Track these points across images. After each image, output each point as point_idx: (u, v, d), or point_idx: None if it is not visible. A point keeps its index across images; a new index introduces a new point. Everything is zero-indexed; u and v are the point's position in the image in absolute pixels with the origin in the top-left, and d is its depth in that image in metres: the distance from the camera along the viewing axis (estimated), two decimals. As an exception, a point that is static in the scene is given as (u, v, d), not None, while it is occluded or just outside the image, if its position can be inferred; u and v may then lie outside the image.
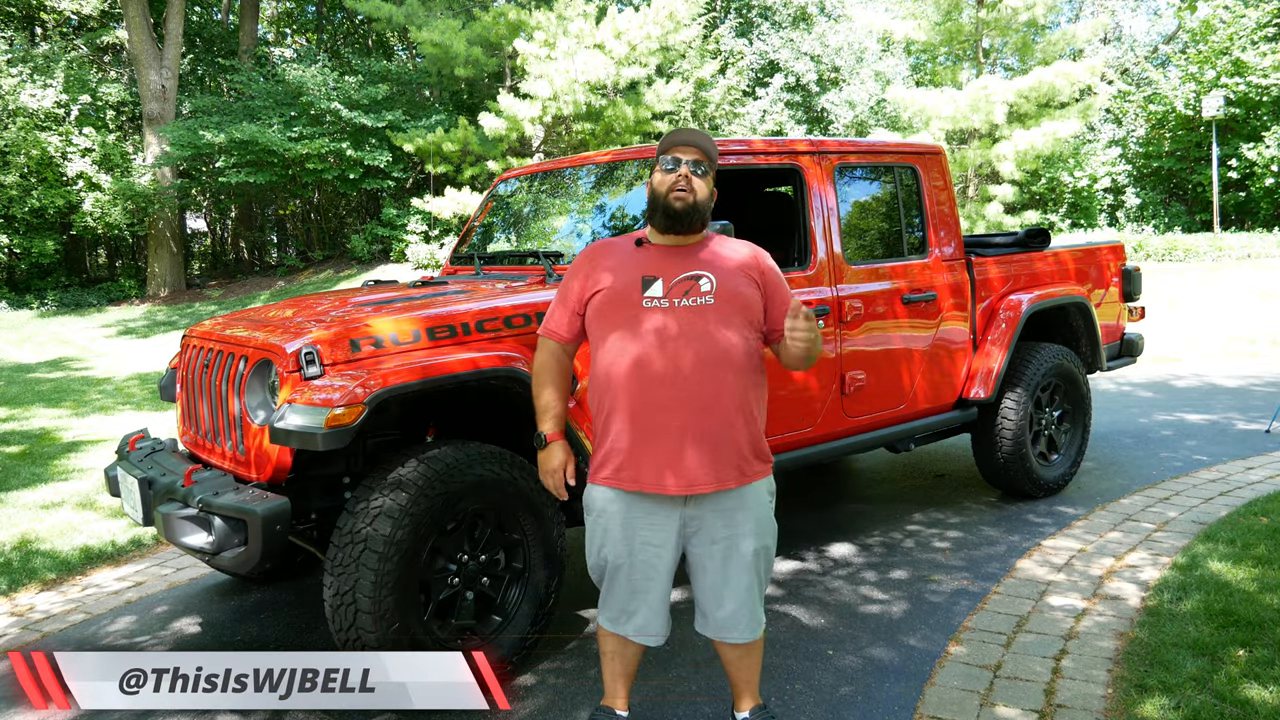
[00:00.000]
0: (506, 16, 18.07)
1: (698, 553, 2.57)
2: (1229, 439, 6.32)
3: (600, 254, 2.63)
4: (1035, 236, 5.34)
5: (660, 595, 2.60)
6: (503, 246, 4.59)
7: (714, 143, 2.59)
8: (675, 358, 2.45)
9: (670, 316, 2.47)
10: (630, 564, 2.56)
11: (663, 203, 2.51)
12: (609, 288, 2.53)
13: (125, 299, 21.75)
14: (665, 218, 2.52)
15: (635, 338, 2.48)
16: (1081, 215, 19.71)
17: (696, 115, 21.63)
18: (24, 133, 19.58)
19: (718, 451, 2.47)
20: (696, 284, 2.49)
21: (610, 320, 2.52)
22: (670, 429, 2.45)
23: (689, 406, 2.45)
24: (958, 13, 18.82)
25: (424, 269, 18.74)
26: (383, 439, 3.33)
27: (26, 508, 5.53)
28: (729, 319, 2.49)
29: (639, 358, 2.47)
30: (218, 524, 2.87)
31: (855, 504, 5.19)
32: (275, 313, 3.61)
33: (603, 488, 2.57)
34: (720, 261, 2.55)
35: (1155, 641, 3.25)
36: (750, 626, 2.60)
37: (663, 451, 2.46)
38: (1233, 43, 18.82)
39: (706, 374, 2.45)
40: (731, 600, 2.57)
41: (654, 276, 2.51)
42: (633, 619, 2.62)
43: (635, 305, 2.49)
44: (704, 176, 2.54)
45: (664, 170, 2.54)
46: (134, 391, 10.51)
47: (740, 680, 2.70)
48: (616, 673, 2.73)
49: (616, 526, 2.55)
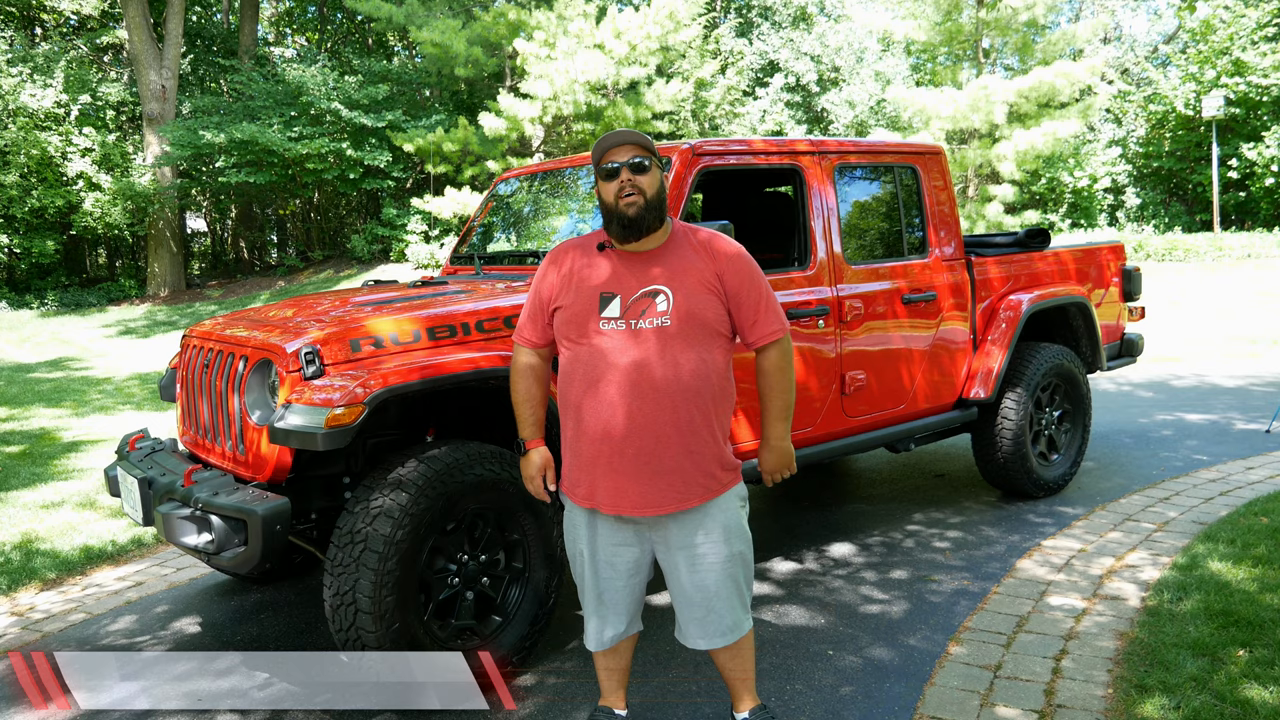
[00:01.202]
0: (506, 16, 18.08)
1: (664, 561, 2.57)
2: (1229, 439, 6.32)
3: (562, 260, 2.55)
4: (1035, 236, 5.34)
5: (629, 599, 2.62)
6: (503, 246, 4.59)
7: (643, 135, 2.48)
8: (628, 384, 2.39)
9: (625, 341, 2.40)
10: (594, 570, 2.59)
11: (616, 213, 2.43)
12: (568, 306, 2.48)
13: (125, 299, 21.75)
14: (621, 227, 2.43)
15: (590, 361, 2.43)
16: (1081, 215, 19.72)
17: (696, 115, 21.63)
18: (24, 133, 19.57)
19: (675, 475, 2.43)
20: (653, 302, 2.41)
21: (570, 340, 2.48)
22: (623, 454, 2.42)
23: (643, 433, 2.40)
24: (958, 13, 18.82)
25: (424, 269, 18.74)
26: (383, 439, 3.33)
27: (27, 507, 5.53)
28: (686, 339, 2.41)
29: (592, 382, 2.43)
30: (218, 524, 2.87)
31: (855, 504, 5.19)
32: (275, 313, 3.61)
33: (564, 495, 2.61)
34: (680, 274, 2.45)
35: (1155, 641, 3.25)
36: (722, 632, 2.56)
37: (618, 474, 2.43)
38: (1233, 43, 18.82)
39: (660, 401, 2.40)
40: (700, 606, 2.54)
41: (612, 294, 2.44)
42: (606, 629, 2.65)
43: (591, 327, 2.44)
44: (647, 171, 2.43)
45: (605, 179, 2.46)
46: (134, 391, 10.51)
47: (735, 680, 2.70)
48: (610, 672, 2.76)
49: (581, 535, 2.59)
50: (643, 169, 2.44)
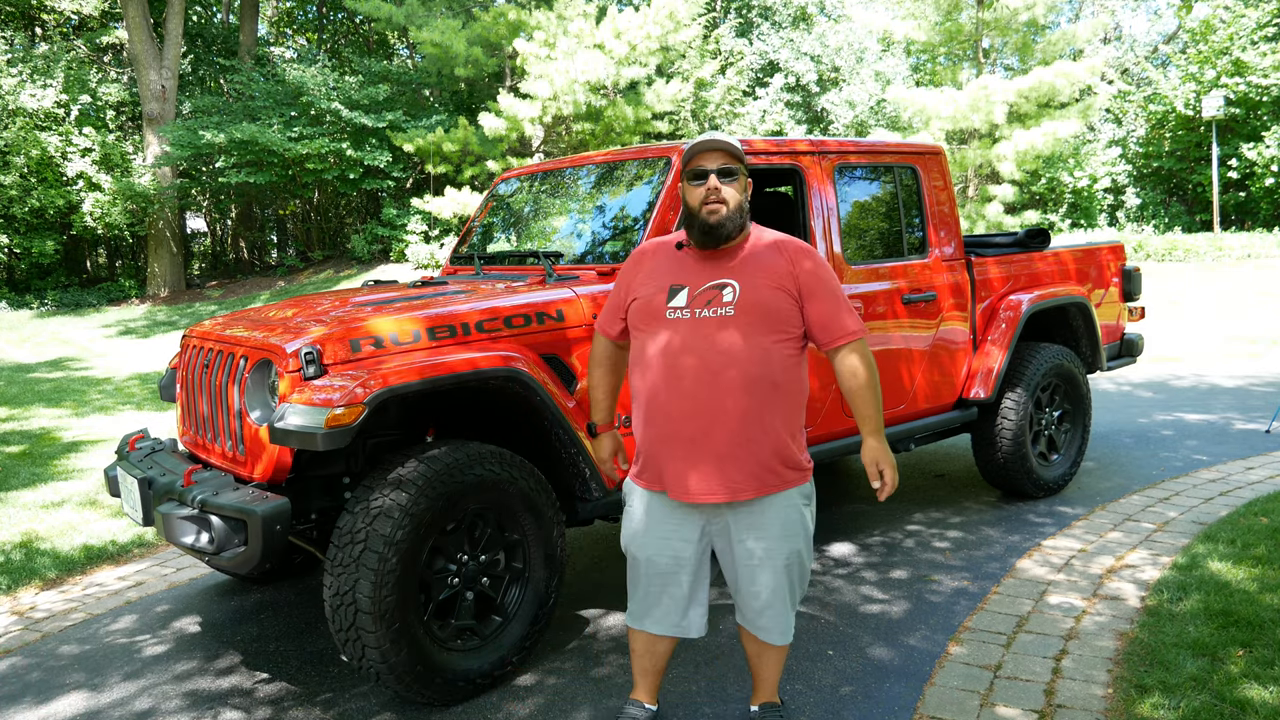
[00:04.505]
0: (506, 16, 18.08)
1: (721, 548, 2.62)
2: (1229, 439, 6.32)
3: (643, 258, 2.66)
4: (1035, 236, 5.34)
5: (682, 592, 2.63)
6: (503, 246, 4.59)
7: (738, 142, 2.55)
8: (689, 369, 2.46)
9: (689, 328, 2.47)
10: (649, 558, 2.62)
11: (698, 219, 2.47)
12: (642, 297, 2.56)
13: (125, 299, 21.74)
14: (701, 234, 2.48)
15: (657, 348, 2.51)
16: (1081, 215, 19.72)
17: (696, 115, 21.63)
18: (24, 133, 19.56)
19: (729, 463, 2.47)
20: (719, 294, 2.47)
21: (640, 329, 2.57)
22: (683, 438, 2.48)
23: (700, 418, 2.46)
24: (958, 13, 18.82)
25: (424, 269, 18.74)
26: (383, 439, 3.33)
27: (27, 507, 5.53)
28: (750, 329, 2.45)
29: (658, 367, 2.50)
30: (217, 524, 2.87)
31: (855, 504, 5.20)
32: (275, 312, 3.61)
33: (632, 483, 2.67)
34: (750, 268, 2.50)
35: (1155, 641, 3.25)
36: (779, 631, 2.62)
37: (678, 459, 2.50)
38: (1233, 43, 18.83)
39: (718, 386, 2.44)
40: (755, 597, 2.59)
41: (681, 285, 2.51)
42: (650, 613, 2.67)
43: (659, 315, 2.51)
44: (733, 181, 2.48)
45: (692, 184, 2.49)
46: (134, 391, 10.51)
47: (760, 675, 2.76)
48: (645, 669, 2.78)
49: (640, 521, 2.63)
50: (731, 177, 2.48)
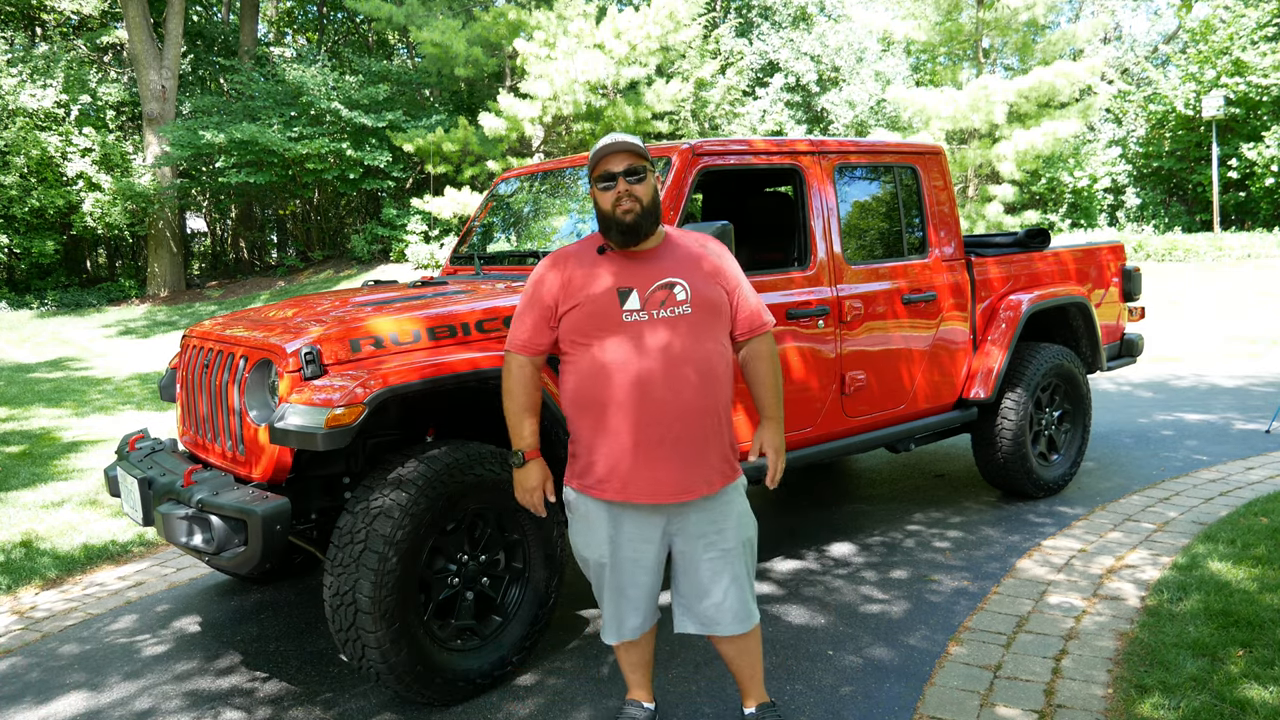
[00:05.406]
0: (506, 16, 18.08)
1: (682, 549, 2.59)
2: (1229, 439, 6.32)
3: (567, 264, 2.56)
4: (1035, 236, 5.34)
5: (648, 592, 2.64)
6: (503, 246, 4.59)
7: (639, 142, 2.51)
8: (655, 372, 2.44)
9: (650, 329, 2.46)
10: (614, 564, 2.60)
11: (615, 220, 2.47)
12: (587, 300, 2.49)
13: (125, 299, 21.74)
14: (620, 234, 2.49)
15: (616, 354, 2.46)
16: (1081, 215, 19.72)
17: (696, 115, 21.63)
18: (24, 133, 19.56)
19: (701, 459, 2.50)
20: (671, 293, 2.48)
21: (590, 334, 2.49)
22: (653, 441, 2.46)
23: (669, 419, 2.45)
24: (958, 13, 18.82)
25: (424, 269, 18.74)
26: (383, 439, 3.33)
27: (27, 507, 5.53)
28: (707, 327, 2.50)
29: (622, 372, 2.46)
30: (217, 524, 2.87)
31: (855, 504, 5.19)
32: (275, 313, 3.61)
33: (580, 494, 2.59)
34: (687, 265, 2.53)
35: (1155, 641, 3.25)
36: (740, 617, 2.60)
37: (650, 462, 2.47)
38: (1233, 42, 18.83)
39: (684, 386, 2.45)
40: (717, 591, 2.58)
41: (629, 287, 2.48)
42: (625, 622, 2.67)
43: (614, 320, 2.47)
44: (642, 180, 2.47)
45: (601, 189, 2.50)
46: (134, 391, 10.51)
47: (743, 676, 2.73)
48: (634, 665, 2.79)
49: (601, 531, 2.58)
50: (638, 176, 2.48)
